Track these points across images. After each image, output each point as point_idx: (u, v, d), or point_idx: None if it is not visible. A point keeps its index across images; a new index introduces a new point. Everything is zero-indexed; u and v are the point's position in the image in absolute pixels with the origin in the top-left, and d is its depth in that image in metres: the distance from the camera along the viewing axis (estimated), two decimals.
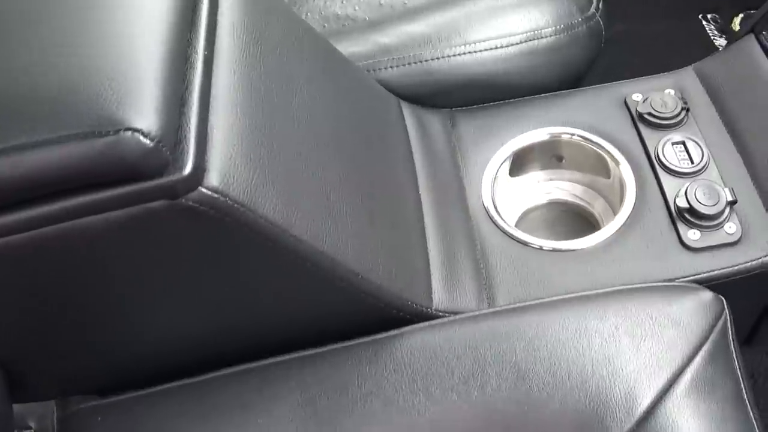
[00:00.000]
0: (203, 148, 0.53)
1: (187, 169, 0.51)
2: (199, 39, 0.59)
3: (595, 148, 0.85)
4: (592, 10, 0.92)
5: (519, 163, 0.88)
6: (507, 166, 0.87)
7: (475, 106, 0.90)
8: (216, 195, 0.53)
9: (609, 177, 0.85)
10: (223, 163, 0.54)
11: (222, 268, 0.59)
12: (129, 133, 0.49)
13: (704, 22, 1.52)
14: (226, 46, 0.61)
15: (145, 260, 0.57)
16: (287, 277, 0.61)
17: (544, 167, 0.89)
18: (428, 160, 0.83)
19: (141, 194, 0.51)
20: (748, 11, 1.50)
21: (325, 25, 0.96)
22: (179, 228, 0.55)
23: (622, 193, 0.81)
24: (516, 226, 0.85)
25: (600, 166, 0.86)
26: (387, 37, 0.90)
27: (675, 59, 0.93)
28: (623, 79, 0.91)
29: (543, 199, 0.90)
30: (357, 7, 0.96)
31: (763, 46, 0.86)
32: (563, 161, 0.88)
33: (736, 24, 1.53)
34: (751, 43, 0.88)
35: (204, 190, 0.52)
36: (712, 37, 1.50)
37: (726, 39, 1.51)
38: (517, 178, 0.88)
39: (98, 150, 0.48)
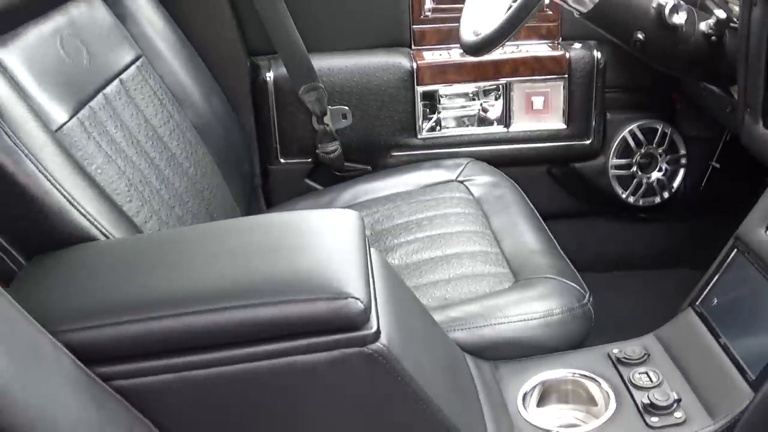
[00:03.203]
0: (377, 319, 1.04)
1: (374, 327, 1.02)
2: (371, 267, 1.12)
3: (592, 383, 1.35)
4: (585, 300, 1.48)
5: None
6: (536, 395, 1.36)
7: (514, 360, 1.41)
8: (386, 347, 1.03)
9: (600, 397, 1.34)
10: (387, 330, 1.05)
11: (368, 406, 1.07)
12: (352, 300, 1.01)
13: None
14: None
15: (325, 396, 1.05)
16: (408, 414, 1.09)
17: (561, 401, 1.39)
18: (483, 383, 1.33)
19: (347, 341, 1.01)
20: None
21: None
22: (357, 372, 1.04)
23: (608, 404, 1.30)
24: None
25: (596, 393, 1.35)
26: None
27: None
28: (606, 334, 1.43)
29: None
30: None
31: (698, 314, 1.41)
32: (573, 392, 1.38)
33: None
34: (690, 313, 1.42)
35: (380, 343, 1.03)
36: None
37: None
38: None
39: (339, 306, 1.00)
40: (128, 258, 1.19)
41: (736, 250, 1.46)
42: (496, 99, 2.12)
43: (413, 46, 2.12)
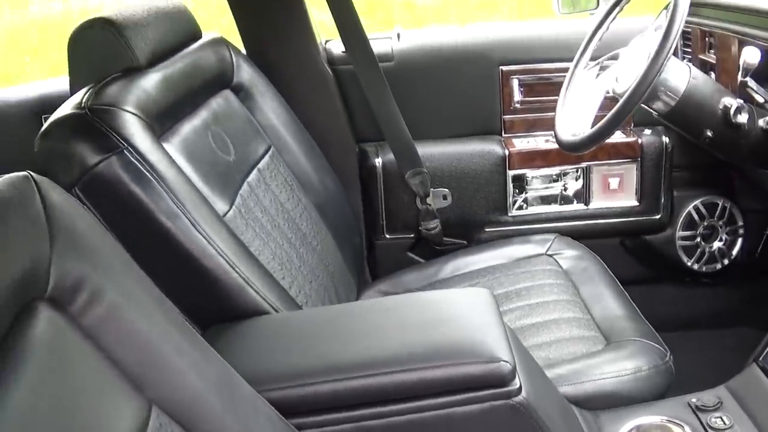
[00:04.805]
0: (519, 377, 1.33)
1: (518, 383, 1.32)
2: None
3: (677, 427, 1.64)
4: (667, 358, 1.78)
5: None
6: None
7: (610, 409, 1.69)
8: (526, 400, 1.33)
9: None
10: (526, 386, 1.34)
11: None
12: (503, 362, 1.30)
13: None
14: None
15: None
16: None
17: None
18: None
19: (497, 395, 1.31)
20: None
21: None
22: (503, 421, 1.33)
23: None
24: None
25: None
26: None
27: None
28: (682, 386, 1.72)
29: None
30: None
31: (762, 369, 1.69)
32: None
33: None
34: (754, 367, 1.71)
35: (522, 397, 1.32)
36: None
37: None
38: None
39: (493, 367, 1.30)
40: (305, 329, 1.50)
41: None
42: (576, 180, 2.44)
43: (504, 134, 2.48)
